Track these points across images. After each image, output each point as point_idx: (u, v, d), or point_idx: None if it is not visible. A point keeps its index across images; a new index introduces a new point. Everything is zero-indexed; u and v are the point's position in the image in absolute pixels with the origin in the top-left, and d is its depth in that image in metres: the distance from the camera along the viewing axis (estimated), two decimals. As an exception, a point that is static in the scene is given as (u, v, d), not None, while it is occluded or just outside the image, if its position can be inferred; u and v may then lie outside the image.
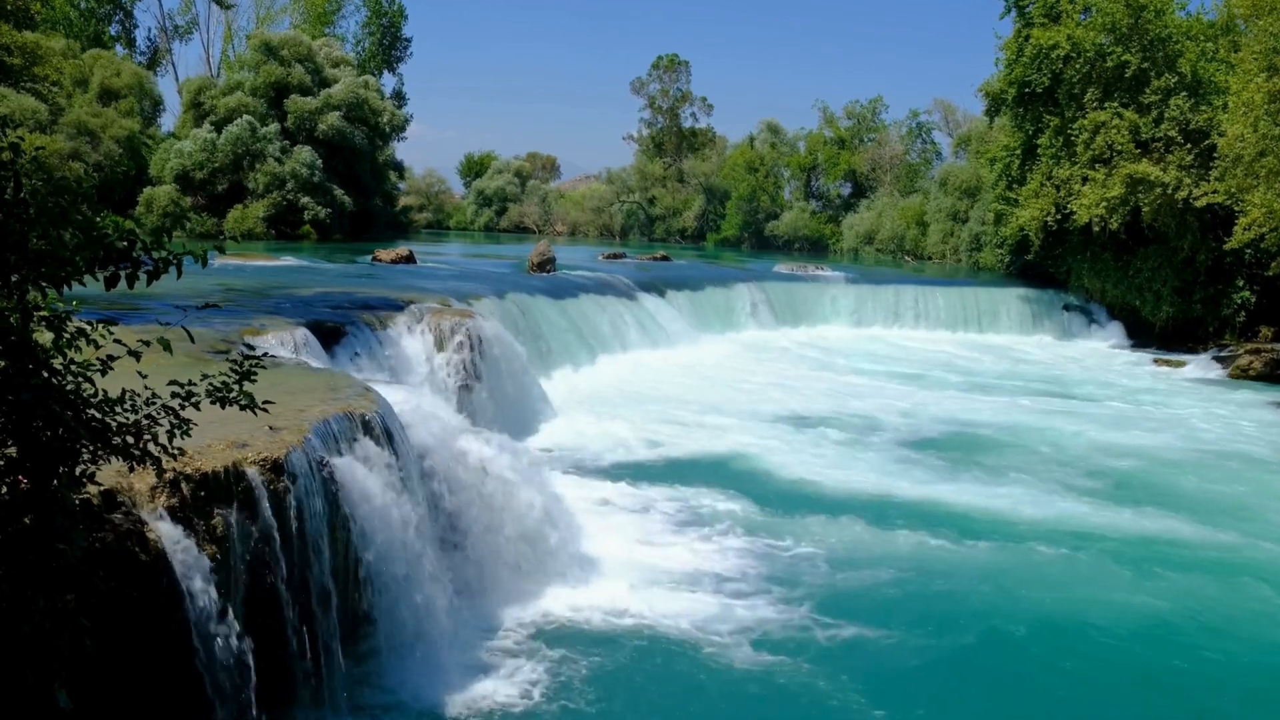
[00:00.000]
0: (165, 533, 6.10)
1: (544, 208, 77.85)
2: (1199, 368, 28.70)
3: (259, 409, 5.21)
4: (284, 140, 46.93)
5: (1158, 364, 29.41)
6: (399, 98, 64.22)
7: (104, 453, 4.62)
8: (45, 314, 4.32)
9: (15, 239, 4.21)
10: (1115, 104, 31.56)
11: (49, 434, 4.31)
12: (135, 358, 4.59)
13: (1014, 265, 40.18)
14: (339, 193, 47.35)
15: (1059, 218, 32.56)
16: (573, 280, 27.15)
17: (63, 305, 4.39)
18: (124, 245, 4.40)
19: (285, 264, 28.13)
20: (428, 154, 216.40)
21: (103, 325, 4.54)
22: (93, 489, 4.88)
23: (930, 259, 52.55)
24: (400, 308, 16.44)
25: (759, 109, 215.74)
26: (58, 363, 4.39)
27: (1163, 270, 32.19)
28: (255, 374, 5.19)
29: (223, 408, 5.13)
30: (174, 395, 4.98)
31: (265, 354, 5.43)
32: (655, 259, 40.74)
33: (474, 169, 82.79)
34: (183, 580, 6.09)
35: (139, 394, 4.90)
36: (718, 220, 68.78)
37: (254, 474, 6.86)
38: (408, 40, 67.27)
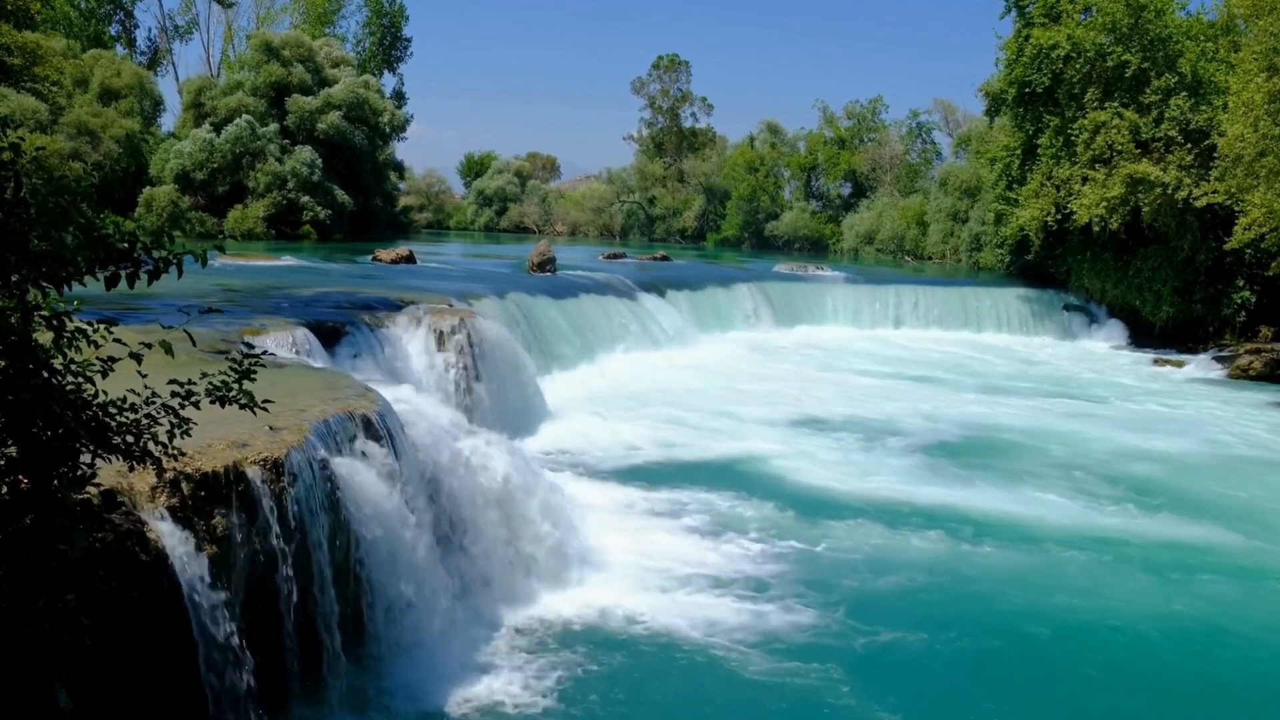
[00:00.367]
0: (165, 533, 6.10)
1: (544, 208, 77.83)
2: (1199, 368, 28.64)
3: (259, 408, 5.21)
4: (284, 140, 46.92)
5: (1158, 364, 29.33)
6: (399, 98, 64.30)
7: (104, 453, 4.62)
8: (45, 314, 4.32)
9: (15, 239, 4.21)
10: (1115, 104, 31.55)
11: (49, 434, 4.31)
12: (137, 360, 4.59)
13: (1014, 265, 40.16)
14: (339, 193, 47.34)
15: (1059, 218, 32.54)
16: (573, 280, 27.13)
17: (63, 305, 4.38)
18: (124, 246, 4.40)
19: (285, 264, 28.08)
20: (428, 154, 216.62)
21: (103, 325, 4.54)
22: (93, 489, 4.88)
23: (930, 259, 52.52)
24: (400, 308, 16.44)
25: (759, 109, 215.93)
26: (58, 363, 4.39)
27: (1163, 270, 32.19)
28: (255, 373, 5.19)
29: (223, 407, 5.14)
30: (174, 394, 4.99)
31: (265, 352, 5.42)
32: (655, 259, 40.71)
33: (474, 169, 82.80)
34: (183, 580, 6.09)
35: (139, 393, 4.90)
36: (718, 220, 68.74)
37: (254, 474, 6.87)
38: (408, 40, 67.48)
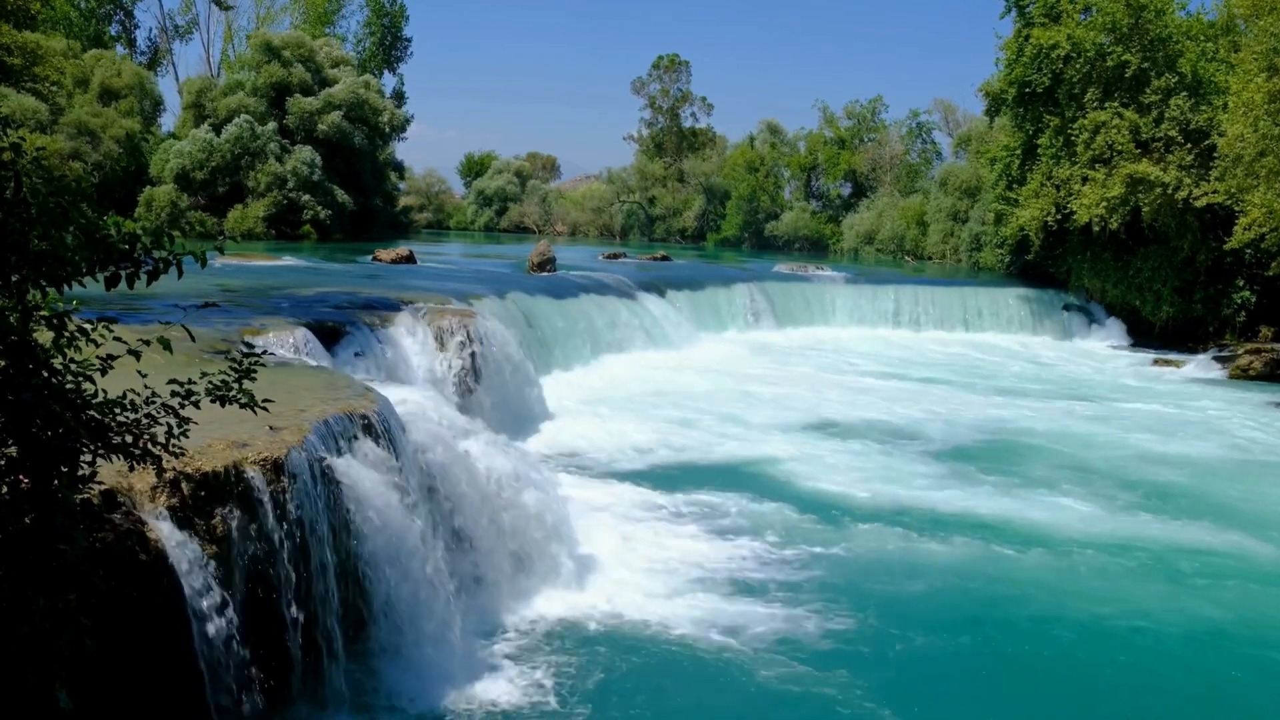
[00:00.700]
0: (165, 532, 6.10)
1: (544, 208, 77.83)
2: (1199, 368, 28.61)
3: (259, 408, 5.21)
4: (284, 140, 46.93)
5: (1158, 364, 29.31)
6: (399, 98, 64.28)
7: (104, 453, 4.62)
8: (45, 314, 4.31)
9: (16, 239, 4.21)
10: (1115, 104, 31.55)
11: (49, 434, 4.31)
12: (135, 357, 4.58)
13: (1014, 265, 40.15)
14: (339, 193, 47.35)
15: (1059, 218, 32.55)
16: (573, 280, 27.12)
17: (63, 305, 4.38)
18: (124, 246, 4.39)
19: (285, 264, 28.08)
20: (428, 154, 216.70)
21: (103, 324, 4.53)
22: (93, 489, 4.88)
23: (930, 259, 52.51)
24: (400, 308, 16.43)
25: (759, 109, 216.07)
26: (58, 362, 4.39)
27: (1163, 270, 32.19)
28: (255, 372, 5.19)
29: (223, 406, 5.13)
30: (174, 394, 4.98)
31: (265, 351, 5.42)
32: (655, 259, 40.70)
33: (474, 169, 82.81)
34: (183, 580, 6.09)
35: (139, 393, 4.89)
36: (718, 220, 68.73)
37: (254, 474, 6.87)
38: (408, 40, 67.54)
